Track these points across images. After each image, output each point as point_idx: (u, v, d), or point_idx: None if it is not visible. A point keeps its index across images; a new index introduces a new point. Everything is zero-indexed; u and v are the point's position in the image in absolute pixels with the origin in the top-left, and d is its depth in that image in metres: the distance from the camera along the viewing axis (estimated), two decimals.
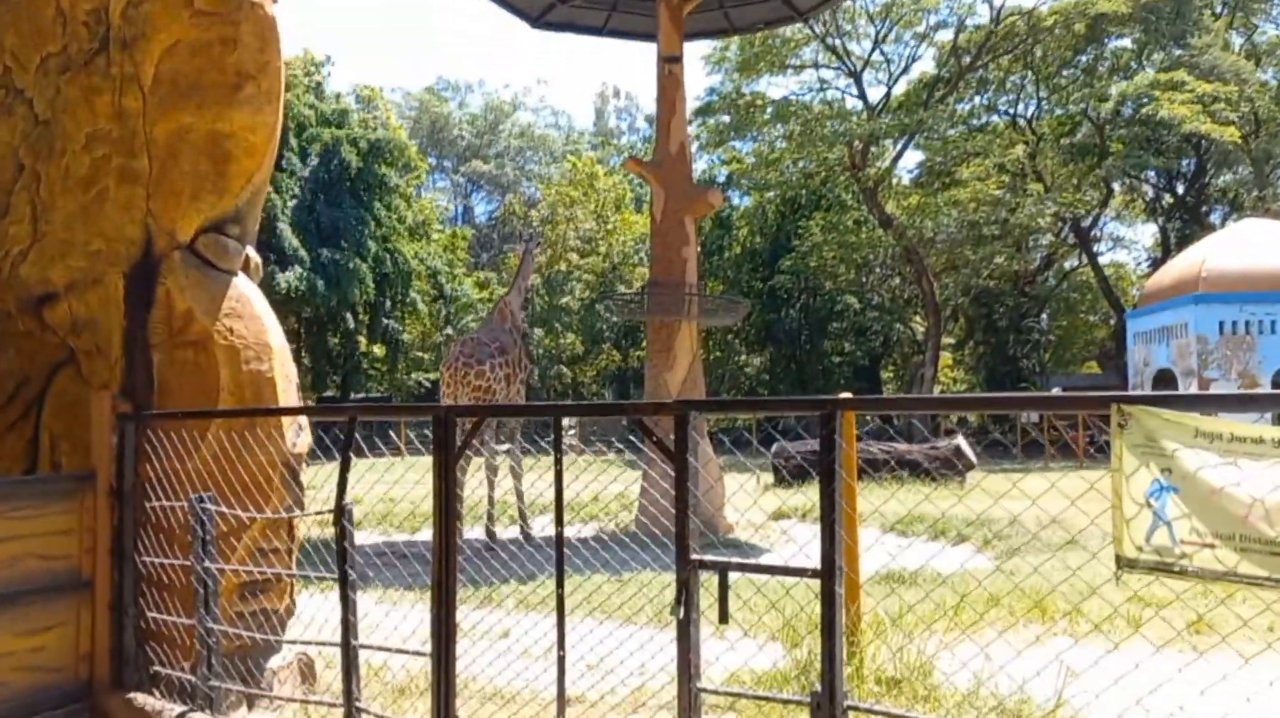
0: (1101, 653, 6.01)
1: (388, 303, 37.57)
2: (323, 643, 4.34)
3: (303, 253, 32.78)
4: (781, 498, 14.91)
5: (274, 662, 5.18)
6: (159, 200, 5.10)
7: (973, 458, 19.14)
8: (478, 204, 66.21)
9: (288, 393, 5.25)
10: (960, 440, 19.30)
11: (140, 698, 4.60)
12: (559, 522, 3.48)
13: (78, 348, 5.43)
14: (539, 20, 15.43)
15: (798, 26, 35.72)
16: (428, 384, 44.71)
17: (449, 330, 43.13)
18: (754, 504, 14.16)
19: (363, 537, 12.97)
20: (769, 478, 20.71)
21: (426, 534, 11.54)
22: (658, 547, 10.82)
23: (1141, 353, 24.61)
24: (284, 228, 32.45)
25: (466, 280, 45.77)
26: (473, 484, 12.84)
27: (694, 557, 3.19)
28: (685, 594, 3.17)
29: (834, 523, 2.96)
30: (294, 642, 4.63)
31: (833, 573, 2.94)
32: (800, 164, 37.28)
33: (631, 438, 35.23)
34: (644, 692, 5.27)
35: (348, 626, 3.87)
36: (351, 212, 35.20)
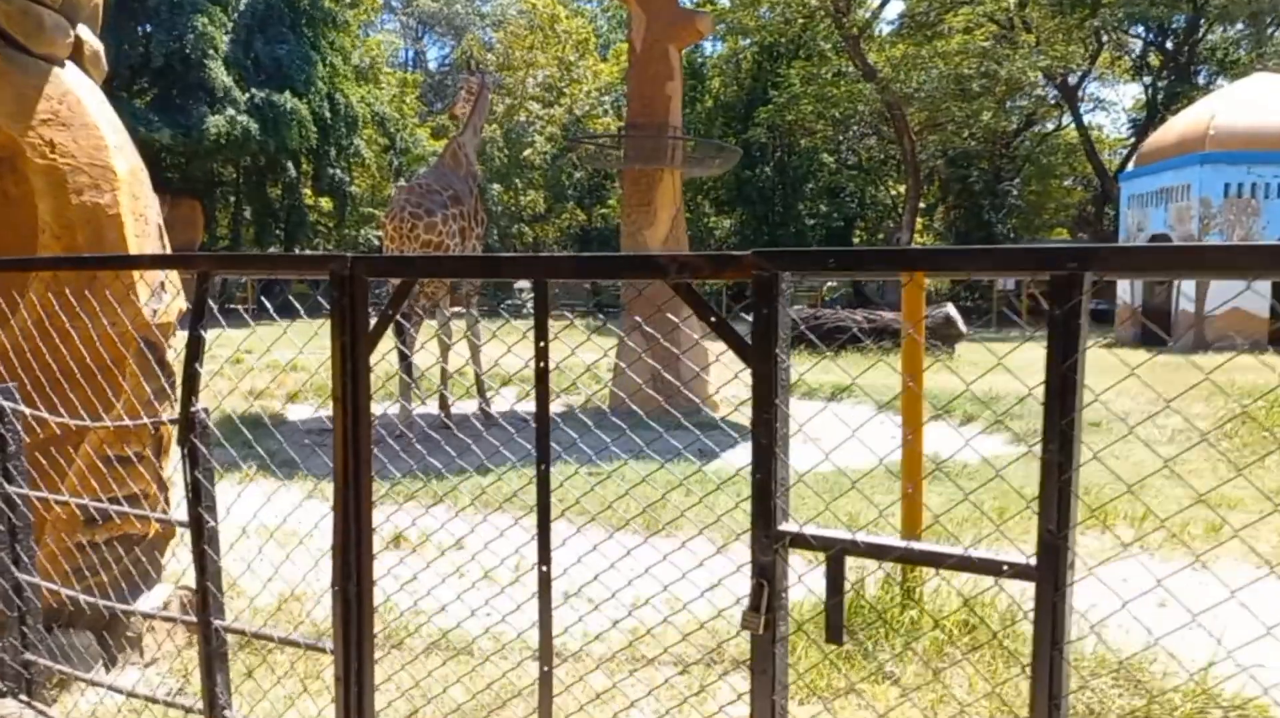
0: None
1: (333, 151, 34.97)
2: (170, 618, 2.93)
3: (237, 94, 30.04)
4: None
5: (146, 601, 3.81)
6: None
7: (963, 327, 18.03)
8: (430, 48, 62.26)
9: (143, 238, 3.69)
10: (950, 309, 18.12)
11: None
12: (542, 454, 2.06)
13: None
14: None
15: None
16: (378, 240, 42.55)
17: (402, 183, 40.70)
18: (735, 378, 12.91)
19: (299, 412, 11.56)
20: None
21: (375, 408, 10.13)
22: (636, 428, 9.54)
23: (1136, 217, 23.36)
24: (216, 65, 29.60)
25: (420, 130, 42.99)
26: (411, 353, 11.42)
27: (786, 526, 1.80)
28: (767, 591, 1.80)
29: (1069, 482, 1.57)
30: (132, 611, 3.21)
31: (1060, 577, 1.57)
32: (779, 9, 34.75)
33: (607, 305, 33.57)
34: (646, 637, 4.00)
35: (206, 597, 2.46)
36: (295, 49, 32.22)
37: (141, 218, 3.69)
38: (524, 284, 41.02)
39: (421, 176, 10.90)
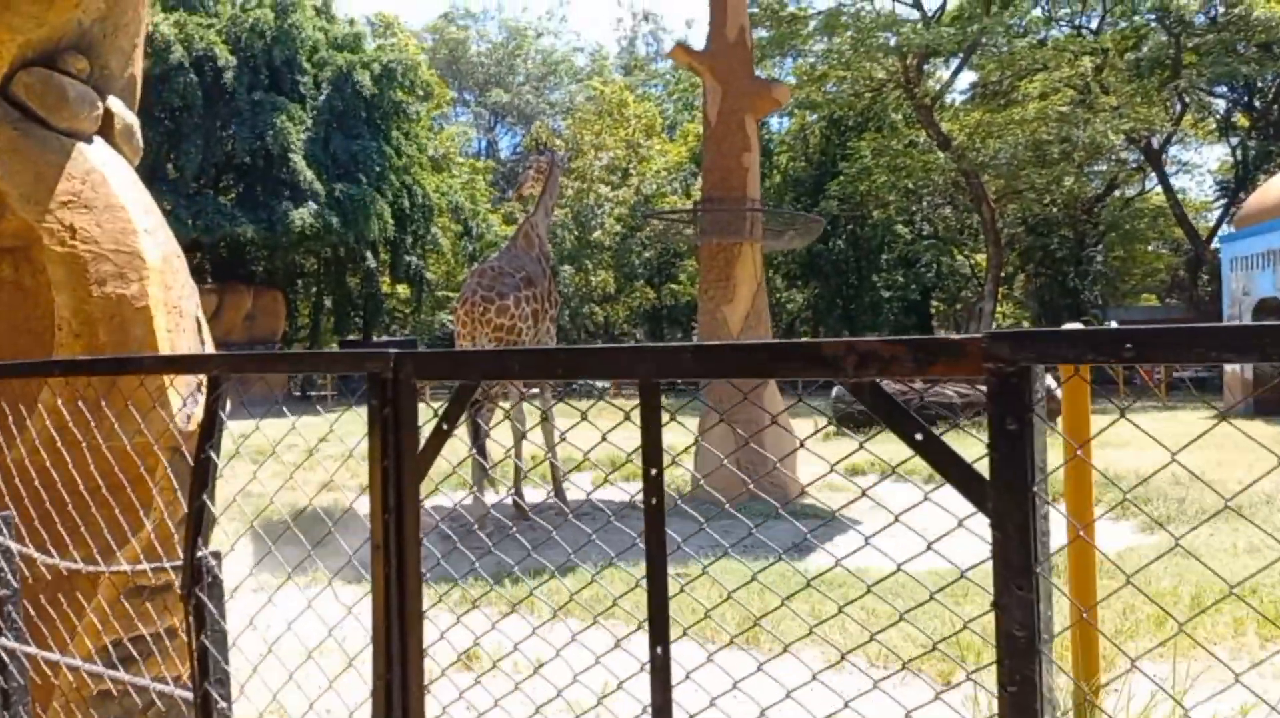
0: None
1: (409, 239, 35.45)
2: None
3: (318, 187, 30.68)
4: (848, 448, 12.90)
5: None
6: None
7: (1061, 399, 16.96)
8: (502, 138, 63.61)
9: (176, 333, 3.23)
10: (1050, 381, 17.09)
11: None
12: (658, 635, 1.45)
13: None
14: None
15: None
16: (453, 324, 42.87)
17: (475, 267, 41.09)
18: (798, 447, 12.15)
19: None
20: (824, 423, 18.76)
21: (443, 499, 9.60)
22: (721, 519, 8.87)
23: (1240, 281, 22.09)
24: (297, 160, 30.34)
25: (492, 216, 43.56)
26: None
27: None
28: None
29: None
30: None
31: None
32: (847, 83, 34.57)
33: (680, 384, 33.12)
34: None
35: None
36: (370, 143, 32.94)
37: (175, 310, 3.23)
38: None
39: (493, 259, 10.56)
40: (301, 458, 2.98)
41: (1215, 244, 35.19)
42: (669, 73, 55.81)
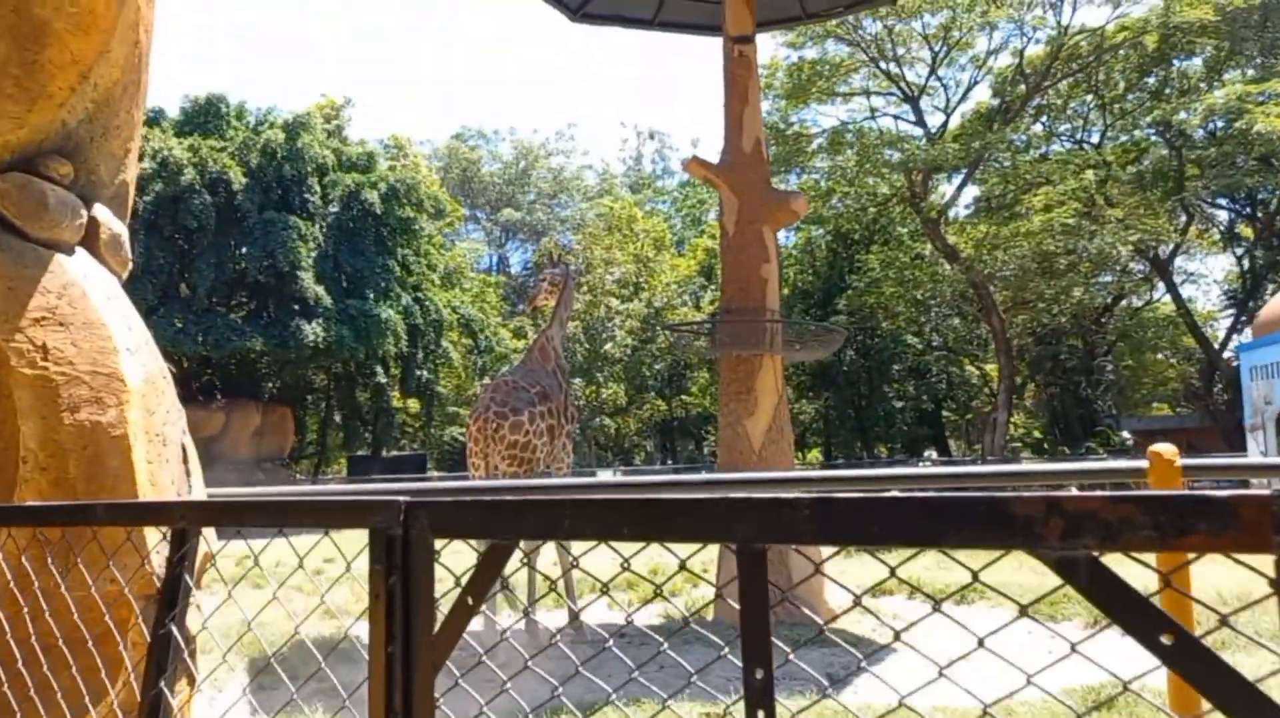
0: None
1: (420, 354, 35.37)
2: None
3: (328, 302, 30.76)
4: (872, 566, 12.26)
5: None
6: None
7: None
8: (513, 253, 64.40)
9: (157, 464, 2.85)
10: (1074, 492, 16.52)
11: None
12: None
13: None
14: (579, 12, 13.20)
15: (848, 51, 33.70)
16: (464, 440, 42.34)
17: (487, 381, 40.90)
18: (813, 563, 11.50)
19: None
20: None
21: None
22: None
23: (1261, 389, 21.68)
24: (306, 277, 30.48)
25: (503, 329, 43.65)
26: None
27: None
28: None
29: None
30: None
31: None
32: (852, 198, 35.00)
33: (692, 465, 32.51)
34: None
35: None
36: (377, 259, 33.18)
37: (158, 438, 2.86)
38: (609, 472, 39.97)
39: (508, 374, 10.24)
40: (310, 587, 2.55)
41: (1228, 352, 34.91)
42: (676, 189, 56.86)
